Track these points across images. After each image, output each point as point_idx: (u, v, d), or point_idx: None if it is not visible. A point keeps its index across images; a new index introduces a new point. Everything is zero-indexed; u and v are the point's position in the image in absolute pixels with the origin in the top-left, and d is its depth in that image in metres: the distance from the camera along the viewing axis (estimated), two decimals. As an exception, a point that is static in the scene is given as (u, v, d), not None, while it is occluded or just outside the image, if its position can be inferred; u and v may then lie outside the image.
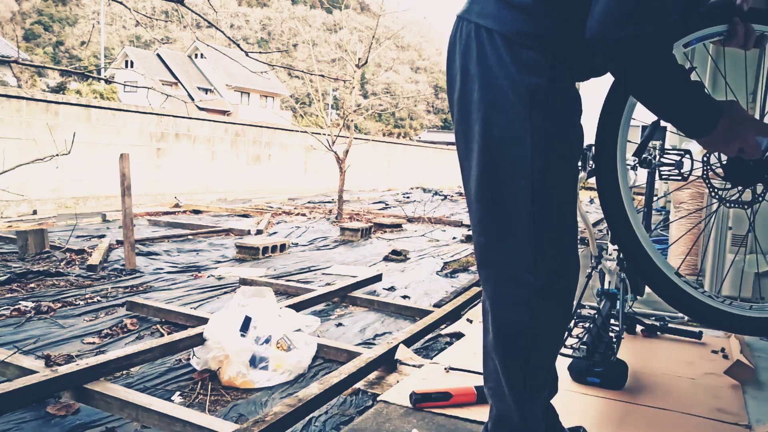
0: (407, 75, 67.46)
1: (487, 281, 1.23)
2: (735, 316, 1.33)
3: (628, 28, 0.97)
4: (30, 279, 3.93)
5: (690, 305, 1.34)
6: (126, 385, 2.22)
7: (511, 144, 1.14)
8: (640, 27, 0.97)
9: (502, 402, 1.25)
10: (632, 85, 1.07)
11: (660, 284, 1.34)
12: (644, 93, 1.06)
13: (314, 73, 4.44)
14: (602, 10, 0.99)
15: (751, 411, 1.79)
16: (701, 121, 1.06)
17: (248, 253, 5.33)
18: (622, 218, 1.34)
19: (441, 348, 2.79)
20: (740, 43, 1.29)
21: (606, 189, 1.35)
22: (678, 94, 1.04)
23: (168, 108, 12.42)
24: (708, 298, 1.33)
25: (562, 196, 1.17)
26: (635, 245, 1.35)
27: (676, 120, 1.09)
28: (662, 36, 1.00)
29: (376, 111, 13.03)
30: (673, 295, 1.34)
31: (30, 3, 52.75)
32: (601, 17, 0.99)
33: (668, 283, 1.33)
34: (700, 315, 1.34)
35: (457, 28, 1.22)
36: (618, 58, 1.00)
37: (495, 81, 1.14)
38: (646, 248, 1.34)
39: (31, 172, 8.34)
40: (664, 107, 1.07)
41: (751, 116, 1.10)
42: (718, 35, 1.31)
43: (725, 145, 1.09)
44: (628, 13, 0.97)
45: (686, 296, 1.34)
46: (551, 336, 1.22)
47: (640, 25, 0.97)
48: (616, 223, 1.35)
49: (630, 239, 1.34)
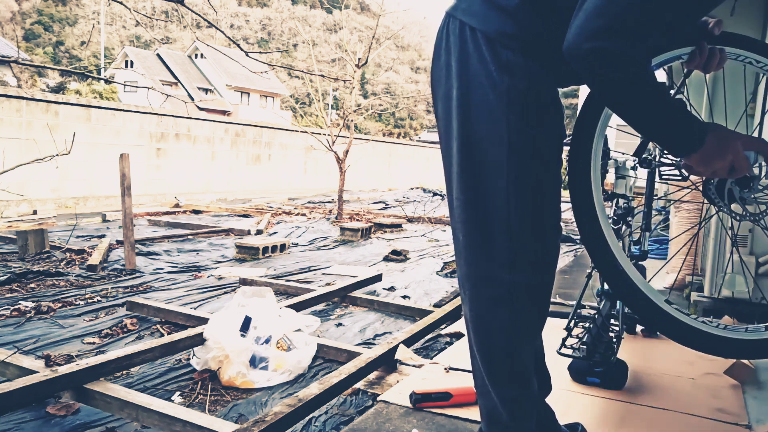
0: (407, 75, 67.46)
1: (466, 279, 1.24)
2: (731, 341, 1.29)
3: (602, 40, 0.96)
4: (30, 279, 3.93)
5: (684, 334, 1.28)
6: (126, 385, 2.22)
7: (489, 143, 1.15)
8: (614, 41, 0.96)
9: (488, 400, 1.26)
10: (605, 98, 1.06)
11: (650, 314, 1.28)
12: (618, 107, 1.05)
13: (314, 73, 4.44)
14: (580, 23, 0.99)
15: (751, 411, 1.79)
16: (687, 139, 1.05)
17: (248, 253, 5.33)
18: (601, 245, 1.28)
19: (441, 348, 2.79)
20: (699, 66, 1.31)
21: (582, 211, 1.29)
22: (655, 112, 1.02)
23: (168, 108, 12.43)
24: (701, 324, 1.29)
25: (537, 195, 1.18)
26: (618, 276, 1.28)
27: (657, 138, 1.08)
28: (636, 52, 0.98)
29: (376, 111, 13.02)
30: (666, 324, 1.29)
31: (30, 3, 52.75)
32: (577, 29, 0.99)
33: (658, 311, 1.28)
34: (695, 343, 1.29)
35: (444, 25, 1.23)
36: (591, 69, 0.99)
37: (475, 79, 1.15)
38: (631, 277, 1.28)
39: (31, 172, 8.35)
40: (641, 123, 1.05)
41: (735, 131, 1.09)
42: (681, 58, 1.32)
43: (719, 159, 1.06)
44: (605, 26, 0.96)
45: (679, 324, 1.28)
46: (529, 332, 1.24)
47: (615, 39, 0.96)
48: (595, 249, 1.29)
49: (612, 270, 1.28)
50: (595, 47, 0.97)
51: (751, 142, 1.10)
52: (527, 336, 1.23)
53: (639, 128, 1.06)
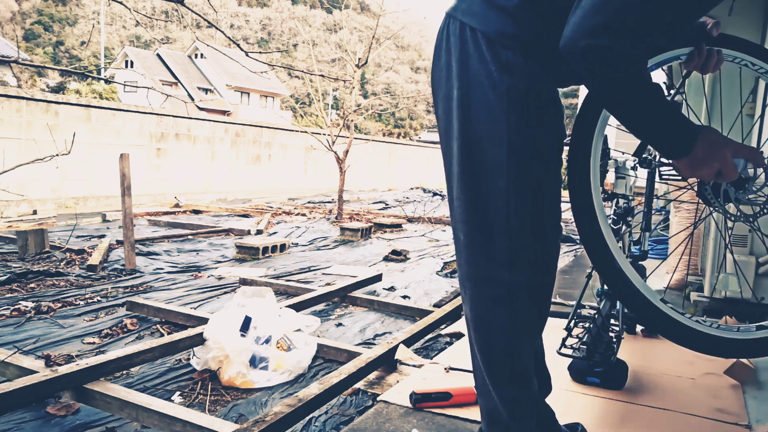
0: (407, 75, 67.47)
1: (467, 278, 1.24)
2: (724, 340, 1.30)
3: (599, 38, 0.96)
4: (30, 279, 3.93)
5: (679, 333, 1.29)
6: (126, 385, 2.22)
7: (489, 143, 1.15)
8: (611, 39, 0.95)
9: (489, 400, 1.26)
10: (600, 96, 1.06)
11: (647, 313, 1.29)
12: (613, 107, 1.05)
13: (314, 73, 4.44)
14: (577, 20, 0.99)
15: (751, 411, 1.79)
16: (678, 142, 1.05)
17: (248, 253, 5.33)
18: (600, 245, 1.29)
19: (441, 348, 2.79)
20: (697, 67, 1.31)
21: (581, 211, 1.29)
22: (649, 113, 1.02)
23: (168, 108, 12.44)
24: (695, 323, 1.30)
25: (537, 195, 1.18)
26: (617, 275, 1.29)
27: (650, 139, 1.08)
28: (635, 51, 0.97)
29: (376, 111, 13.02)
30: (662, 323, 1.29)
31: (30, 3, 52.75)
32: (574, 26, 0.99)
33: (654, 310, 1.28)
34: (689, 342, 1.30)
35: (444, 25, 1.23)
36: (588, 67, 0.99)
37: (476, 79, 1.15)
38: (629, 277, 1.28)
39: (31, 172, 8.35)
40: (634, 124, 1.05)
41: (727, 138, 1.09)
42: (679, 58, 1.33)
43: (706, 166, 1.06)
44: (602, 24, 0.95)
45: (674, 324, 1.29)
46: (529, 332, 1.24)
47: (612, 37, 0.95)
48: (594, 249, 1.29)
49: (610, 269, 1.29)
50: (592, 45, 0.96)
51: (741, 150, 1.10)
52: (527, 336, 1.24)
53: (632, 128, 1.06)
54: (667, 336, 1.31)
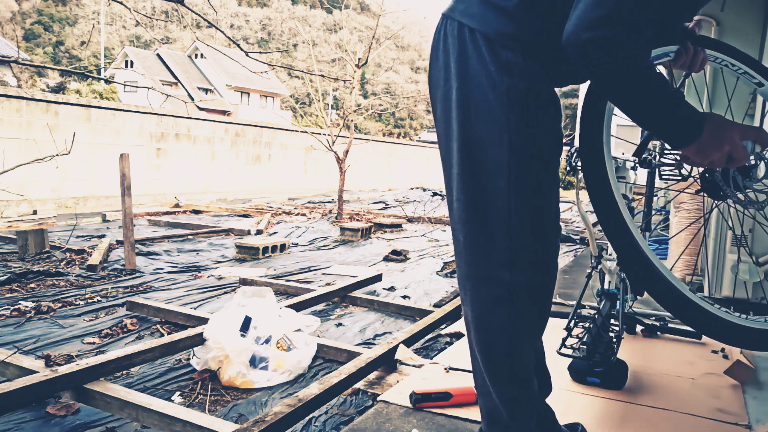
0: (407, 75, 67.44)
1: (467, 278, 1.24)
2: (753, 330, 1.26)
3: (600, 30, 0.97)
4: (30, 279, 3.93)
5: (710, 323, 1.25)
6: (126, 385, 2.22)
7: (489, 143, 1.15)
8: (612, 30, 0.96)
9: (489, 400, 1.26)
10: (603, 89, 1.06)
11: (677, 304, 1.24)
12: (617, 98, 1.05)
13: (314, 73, 4.44)
14: (579, 13, 1.00)
15: (751, 411, 1.79)
16: (685, 129, 1.05)
17: (248, 253, 5.33)
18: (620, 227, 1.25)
19: (441, 348, 2.79)
20: (685, 65, 1.33)
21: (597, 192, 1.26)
22: (654, 102, 1.03)
23: (168, 108, 12.44)
24: (725, 314, 1.26)
25: (538, 195, 1.18)
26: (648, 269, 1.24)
27: (657, 128, 1.08)
28: (635, 42, 0.98)
29: (376, 111, 13.03)
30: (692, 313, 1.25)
31: (30, 3, 52.74)
32: (576, 20, 0.99)
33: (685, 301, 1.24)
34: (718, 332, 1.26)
35: (441, 26, 1.23)
36: (589, 59, 1.00)
37: (475, 80, 1.15)
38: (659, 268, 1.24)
39: (31, 172, 8.35)
40: (640, 114, 1.05)
41: (732, 121, 1.09)
42: (668, 55, 1.34)
43: (716, 150, 1.06)
44: (604, 16, 0.97)
45: (704, 313, 1.25)
46: (529, 332, 1.24)
47: (615, 29, 0.96)
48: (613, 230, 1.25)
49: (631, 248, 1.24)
50: (594, 36, 0.97)
51: (748, 132, 1.11)
52: (527, 336, 1.24)
53: (637, 119, 1.06)
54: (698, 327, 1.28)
